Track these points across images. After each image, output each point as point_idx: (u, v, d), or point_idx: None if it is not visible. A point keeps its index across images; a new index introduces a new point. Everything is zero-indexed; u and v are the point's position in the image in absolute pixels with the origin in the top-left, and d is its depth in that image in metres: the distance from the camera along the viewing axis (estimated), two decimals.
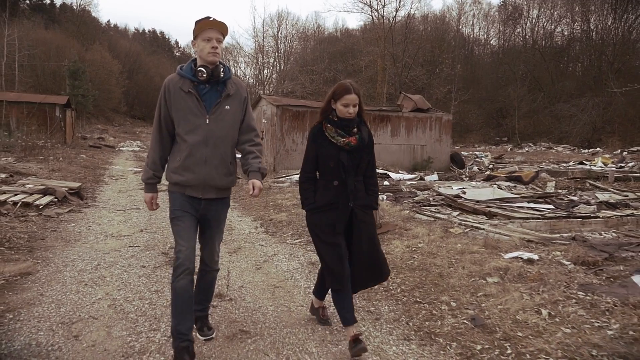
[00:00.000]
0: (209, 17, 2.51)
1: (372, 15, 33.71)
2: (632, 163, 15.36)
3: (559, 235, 5.19)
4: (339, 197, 2.66)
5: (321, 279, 3.01)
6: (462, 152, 23.67)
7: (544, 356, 2.58)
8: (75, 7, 54.15)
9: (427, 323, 3.10)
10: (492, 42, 50.21)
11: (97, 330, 2.92)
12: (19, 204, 6.48)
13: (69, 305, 3.31)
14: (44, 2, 54.34)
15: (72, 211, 6.92)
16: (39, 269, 4.07)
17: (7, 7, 36.72)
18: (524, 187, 10.62)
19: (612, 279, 3.55)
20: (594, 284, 3.47)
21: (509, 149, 29.71)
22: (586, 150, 26.20)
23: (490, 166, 15.54)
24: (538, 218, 6.25)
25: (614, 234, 5.42)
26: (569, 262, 3.95)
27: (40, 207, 6.59)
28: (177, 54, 78.61)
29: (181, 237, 2.53)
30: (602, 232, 5.58)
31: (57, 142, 17.78)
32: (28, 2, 52.55)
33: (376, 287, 3.58)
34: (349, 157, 2.65)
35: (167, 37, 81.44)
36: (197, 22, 2.50)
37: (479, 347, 2.75)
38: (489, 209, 6.55)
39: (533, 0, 45.42)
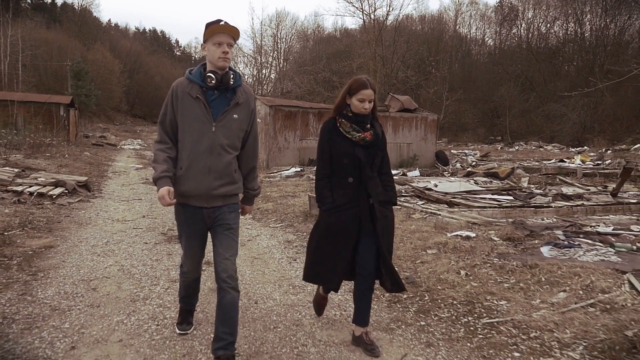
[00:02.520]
0: (220, 21, 2.37)
1: (363, 19, 34.59)
2: (609, 161, 16.16)
3: (504, 220, 6.00)
4: (357, 195, 2.60)
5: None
6: (453, 151, 24.48)
7: (451, 300, 3.40)
8: (76, 7, 55.08)
9: None
10: (489, 42, 51.11)
11: (110, 285, 3.74)
12: (34, 194, 7.30)
13: (87, 268, 4.13)
14: (45, 1, 55.16)
15: (81, 201, 7.75)
16: (59, 244, 4.90)
17: (10, 8, 37.59)
18: (500, 182, 11.42)
19: (525, 250, 4.37)
20: (510, 253, 4.29)
21: (499, 148, 30.49)
22: (574, 149, 26.98)
23: (473, 163, 16.36)
24: (495, 207, 7.07)
25: (554, 219, 6.23)
26: (498, 238, 4.77)
27: (54, 197, 7.41)
28: (177, 53, 79.58)
29: (186, 254, 2.65)
30: (545, 218, 6.39)
31: (62, 140, 18.61)
32: (29, 1, 53.36)
33: None
34: (364, 152, 2.59)
35: (167, 36, 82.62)
36: (207, 25, 2.39)
37: (405, 296, 3.56)
38: (452, 199, 7.36)
39: (528, 1, 46.33)
